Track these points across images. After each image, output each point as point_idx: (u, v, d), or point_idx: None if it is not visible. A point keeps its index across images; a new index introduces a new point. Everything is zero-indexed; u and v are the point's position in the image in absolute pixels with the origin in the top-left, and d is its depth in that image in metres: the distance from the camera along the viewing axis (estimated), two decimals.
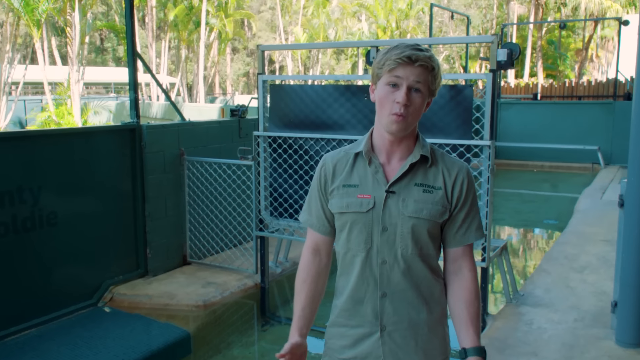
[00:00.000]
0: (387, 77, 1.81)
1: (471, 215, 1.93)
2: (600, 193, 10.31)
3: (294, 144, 5.34)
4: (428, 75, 1.80)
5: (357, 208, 1.89)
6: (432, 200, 1.87)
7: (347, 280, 1.95)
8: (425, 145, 1.90)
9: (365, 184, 1.90)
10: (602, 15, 34.33)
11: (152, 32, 36.87)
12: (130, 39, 5.97)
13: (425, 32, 41.40)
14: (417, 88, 1.79)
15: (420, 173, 1.89)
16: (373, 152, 1.91)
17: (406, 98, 1.77)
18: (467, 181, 1.91)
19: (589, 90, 18.02)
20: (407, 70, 1.78)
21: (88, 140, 5.51)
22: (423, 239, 1.88)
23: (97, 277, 5.61)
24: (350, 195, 1.91)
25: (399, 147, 1.89)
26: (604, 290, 5.30)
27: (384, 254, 1.88)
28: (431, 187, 1.88)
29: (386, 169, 1.90)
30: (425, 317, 1.91)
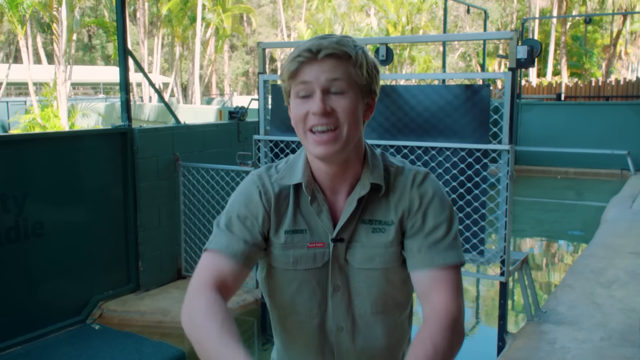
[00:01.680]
0: (294, 88, 1.43)
1: (429, 228, 1.48)
2: (630, 202, 10.30)
3: (297, 149, 5.36)
4: (346, 66, 1.39)
5: (310, 264, 1.51)
6: (384, 242, 1.49)
7: (290, 350, 1.63)
8: (376, 165, 1.52)
9: (315, 228, 1.51)
10: (631, 9, 34.36)
11: (144, 28, 37.10)
12: (122, 36, 6.02)
13: (439, 27, 41.50)
14: (337, 90, 1.39)
15: (371, 205, 1.50)
16: (315, 183, 1.51)
17: (322, 105, 1.37)
18: (417, 190, 1.50)
19: (618, 90, 18.03)
20: (313, 69, 1.39)
21: (76, 145, 5.56)
22: (384, 291, 1.52)
23: (85, 292, 5.65)
24: (298, 244, 1.51)
25: (343, 176, 1.50)
26: (633, 306, 5.30)
27: (338, 319, 1.54)
28: (382, 224, 1.49)
29: (333, 207, 1.51)
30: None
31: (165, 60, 48.11)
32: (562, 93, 17.88)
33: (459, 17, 43.37)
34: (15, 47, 28.01)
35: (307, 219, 1.51)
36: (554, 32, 39.92)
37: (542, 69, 39.31)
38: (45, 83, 23.66)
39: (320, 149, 1.40)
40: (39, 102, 22.89)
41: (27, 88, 26.55)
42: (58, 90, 22.16)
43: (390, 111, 4.95)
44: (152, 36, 42.15)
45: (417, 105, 4.82)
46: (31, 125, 21.10)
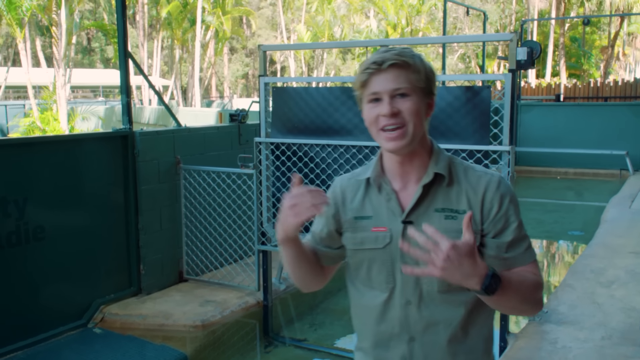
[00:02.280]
0: (366, 96, 1.71)
1: (513, 233, 1.74)
2: (629, 202, 10.31)
3: (299, 151, 5.38)
4: (407, 73, 1.67)
5: (373, 244, 1.78)
6: (456, 227, 1.68)
7: (367, 322, 1.87)
8: (440, 160, 1.77)
9: (379, 215, 1.79)
10: (628, 10, 34.42)
11: (144, 30, 37.09)
12: (122, 39, 6.03)
13: (439, 29, 41.53)
14: (402, 93, 1.67)
15: (441, 195, 1.75)
16: (384, 177, 1.80)
17: (390, 108, 1.66)
18: (499, 195, 1.74)
19: (616, 91, 18.05)
20: (380, 78, 1.67)
21: (77, 149, 5.57)
22: None
23: (87, 296, 5.65)
24: (364, 229, 1.80)
25: (411, 167, 1.76)
26: (633, 306, 5.31)
27: (407, 293, 1.77)
28: (454, 212, 1.73)
29: (401, 196, 1.78)
30: (464, 357, 1.79)
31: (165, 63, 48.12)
32: (561, 94, 17.89)
33: (458, 19, 43.41)
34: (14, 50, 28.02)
35: (374, 207, 1.80)
36: (552, 33, 39.97)
37: (541, 70, 39.35)
38: (44, 86, 23.68)
39: (391, 144, 1.68)
40: (39, 106, 22.90)
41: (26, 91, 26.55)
42: (57, 94, 22.17)
43: None
44: (152, 39, 42.16)
45: None
46: (30, 128, 21.11)
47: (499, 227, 1.73)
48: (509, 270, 1.72)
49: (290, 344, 5.63)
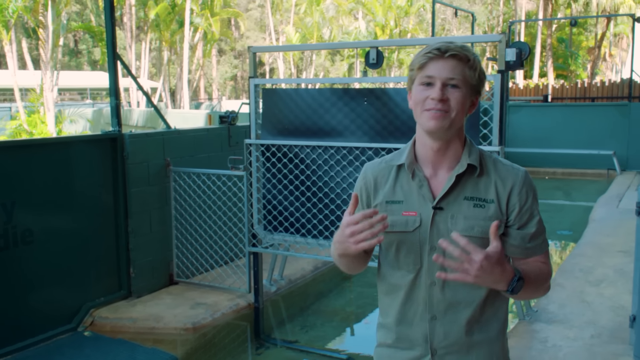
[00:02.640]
0: (420, 78, 1.80)
1: (535, 226, 1.88)
2: (617, 201, 10.38)
3: (289, 153, 5.39)
4: (464, 68, 1.78)
5: (403, 227, 1.87)
6: (483, 215, 1.83)
7: (393, 300, 1.96)
8: (473, 152, 1.88)
9: (410, 200, 1.88)
10: (614, 11, 34.67)
11: (131, 32, 36.98)
12: (111, 41, 6.01)
13: (427, 30, 41.66)
14: (454, 84, 1.77)
15: (470, 185, 1.86)
16: (417, 164, 1.89)
17: (441, 93, 1.75)
18: (525, 189, 1.87)
19: (603, 92, 18.17)
20: (438, 65, 1.77)
21: (65, 151, 5.54)
22: None
23: (76, 300, 5.62)
24: (394, 212, 1.89)
25: (444, 156, 1.86)
26: (621, 304, 5.35)
27: (433, 275, 1.86)
28: (482, 201, 1.84)
29: (432, 183, 1.88)
30: (480, 338, 1.90)
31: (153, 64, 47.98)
32: (549, 95, 17.99)
33: (447, 20, 43.56)
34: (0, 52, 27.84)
35: (404, 192, 1.89)
36: (539, 34, 40.19)
37: (529, 71, 39.54)
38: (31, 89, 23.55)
39: (432, 122, 1.76)
40: (25, 108, 22.76)
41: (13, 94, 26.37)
42: (45, 96, 22.05)
43: (381, 114, 4.97)
44: (139, 40, 42.03)
45: (408, 107, 4.83)
46: (17, 131, 20.98)
47: (524, 220, 1.87)
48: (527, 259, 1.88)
49: (282, 345, 5.63)
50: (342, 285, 7.31)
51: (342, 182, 5.17)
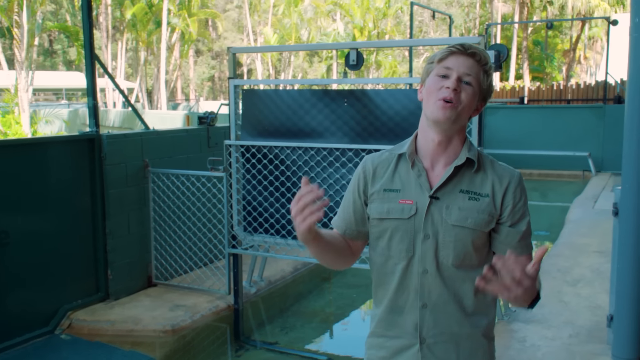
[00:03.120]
0: (437, 69, 1.87)
1: (525, 226, 1.95)
2: (592, 202, 10.52)
3: (269, 154, 5.38)
4: (480, 69, 1.86)
5: (399, 214, 1.93)
6: (477, 208, 1.90)
7: (386, 289, 2.01)
8: (472, 149, 1.95)
9: (407, 189, 1.95)
10: (589, 14, 35.13)
11: (107, 32, 36.68)
12: (88, 40, 5.95)
13: (405, 32, 41.87)
14: (468, 81, 1.85)
15: (467, 179, 1.93)
16: (417, 155, 1.96)
17: (456, 83, 1.83)
18: (519, 189, 1.94)
19: (578, 94, 18.40)
20: (459, 59, 1.85)
21: (41, 152, 5.47)
22: (466, 249, 1.91)
23: (53, 302, 5.56)
24: (391, 200, 1.95)
25: (445, 151, 1.93)
26: (598, 304, 5.42)
27: (425, 263, 1.92)
28: (477, 194, 1.91)
29: (430, 174, 1.94)
30: (469, 330, 1.95)
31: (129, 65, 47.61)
32: (525, 97, 18.17)
33: (424, 22, 43.79)
34: None
35: (402, 181, 1.96)
36: (515, 37, 40.56)
37: (505, 73, 39.86)
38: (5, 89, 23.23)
39: (441, 112, 1.83)
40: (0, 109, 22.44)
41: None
42: (19, 96, 21.78)
43: (361, 115, 4.99)
44: (115, 41, 41.67)
45: (388, 109, 4.87)
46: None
47: (516, 218, 1.93)
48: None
49: (262, 347, 5.62)
50: (321, 286, 7.31)
51: (322, 184, 5.17)
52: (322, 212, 1.73)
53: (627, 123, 4.03)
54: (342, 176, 5.09)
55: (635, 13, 3.80)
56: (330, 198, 5.15)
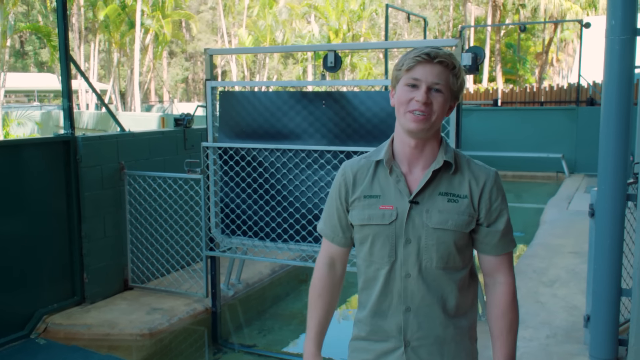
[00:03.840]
0: (406, 79, 1.89)
1: (503, 224, 1.99)
2: (566, 203, 10.65)
3: (247, 156, 5.36)
4: (449, 74, 1.88)
5: (379, 220, 1.95)
6: (457, 210, 1.92)
7: (369, 294, 2.03)
8: (449, 150, 1.97)
9: (387, 195, 1.97)
10: (562, 17, 35.58)
11: (80, 33, 36.29)
12: (63, 41, 5.89)
13: (379, 34, 42.03)
14: (438, 89, 1.87)
15: (445, 181, 1.95)
16: (394, 160, 1.98)
17: (426, 97, 1.85)
18: (495, 188, 1.97)
19: (551, 96, 18.60)
20: (426, 69, 1.86)
21: (15, 155, 5.39)
22: (449, 251, 1.94)
23: (28, 306, 5.47)
24: (371, 206, 1.97)
25: (421, 154, 1.95)
26: (574, 304, 5.48)
27: (407, 267, 1.94)
28: (456, 196, 1.93)
29: (408, 179, 1.96)
30: (452, 332, 1.98)
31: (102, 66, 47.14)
32: (498, 99, 18.34)
33: (398, 25, 43.99)
34: None
35: (382, 187, 1.97)
36: (488, 40, 40.97)
37: (479, 75, 40.24)
38: None
39: (414, 124, 1.87)
40: None
41: None
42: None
43: (339, 117, 4.99)
44: (88, 42, 41.23)
45: (366, 111, 4.88)
46: None
47: (493, 217, 1.97)
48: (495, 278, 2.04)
49: (240, 350, 5.59)
50: (299, 288, 7.30)
51: (300, 185, 5.16)
52: None
53: (603, 125, 4.09)
54: (321, 178, 5.08)
55: (612, 16, 3.86)
56: (309, 200, 5.15)
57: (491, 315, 2.02)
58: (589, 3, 37.20)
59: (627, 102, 3.99)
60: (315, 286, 2.15)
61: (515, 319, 2.02)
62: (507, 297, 2.00)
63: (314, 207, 5.13)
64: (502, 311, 2.00)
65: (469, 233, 1.97)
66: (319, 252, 2.18)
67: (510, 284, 2.02)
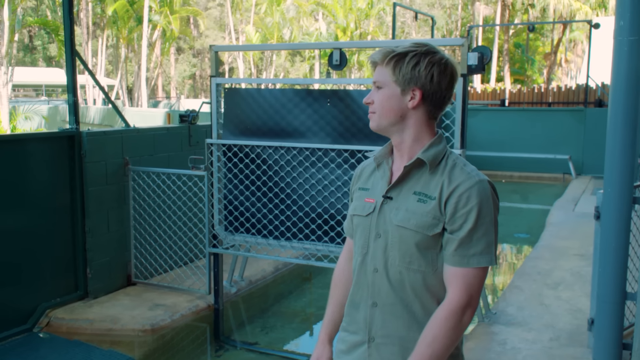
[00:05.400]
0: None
1: (473, 235, 1.83)
2: (573, 205, 10.60)
3: (251, 153, 5.34)
4: (388, 68, 1.89)
5: (361, 211, 2.02)
6: (422, 210, 1.87)
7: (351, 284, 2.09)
8: (432, 149, 1.90)
9: (374, 189, 2.01)
10: (571, 18, 35.44)
11: (88, 29, 36.37)
12: (69, 37, 5.88)
13: (387, 33, 41.95)
14: (377, 85, 1.92)
15: (423, 180, 1.92)
16: (390, 156, 2.02)
17: (369, 96, 1.93)
18: (469, 194, 1.83)
19: (559, 97, 18.54)
20: (374, 73, 1.94)
21: (20, 149, 5.39)
22: (411, 251, 1.89)
23: (31, 300, 5.48)
24: (360, 198, 2.05)
25: (401, 151, 1.97)
26: (579, 307, 5.45)
27: (375, 261, 1.96)
28: (427, 197, 1.88)
29: (395, 175, 1.98)
30: (417, 335, 1.87)
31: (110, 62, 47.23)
32: (506, 99, 18.28)
33: (406, 24, 43.91)
34: None
35: (373, 181, 2.03)
36: (497, 39, 40.84)
37: (486, 75, 40.13)
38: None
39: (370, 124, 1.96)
40: None
41: None
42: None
43: (344, 115, 4.97)
44: (96, 37, 41.31)
45: None
46: None
47: (456, 225, 1.84)
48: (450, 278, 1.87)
49: (242, 347, 5.58)
50: (302, 286, 7.29)
51: (304, 184, 5.15)
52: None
53: (610, 127, 4.05)
54: (325, 176, 5.07)
55: (620, 16, 3.82)
56: (312, 198, 5.13)
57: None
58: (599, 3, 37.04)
59: (635, 104, 3.95)
60: (334, 278, 2.23)
61: (441, 338, 1.81)
62: (442, 312, 1.83)
63: (318, 205, 5.11)
64: (431, 323, 1.84)
65: (435, 237, 1.87)
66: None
67: (453, 302, 1.83)
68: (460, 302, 1.83)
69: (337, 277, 2.22)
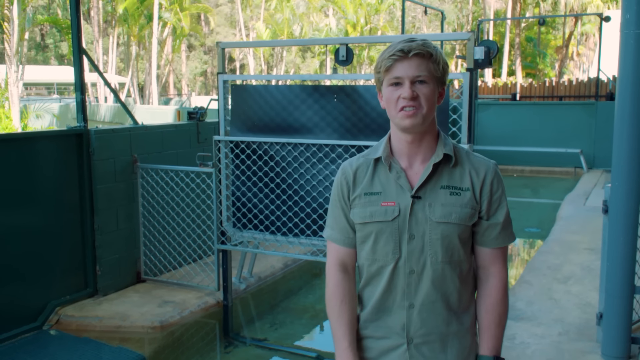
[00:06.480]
0: (388, 79, 1.89)
1: (503, 216, 1.98)
2: (584, 199, 10.54)
3: (258, 149, 5.35)
4: (428, 63, 1.86)
5: (382, 217, 1.95)
6: (460, 202, 1.92)
7: (372, 291, 2.02)
8: (447, 143, 1.97)
9: (388, 191, 1.96)
10: (582, 11, 35.19)
11: (99, 26, 36.52)
12: (76, 35, 5.91)
13: (397, 28, 41.84)
14: (421, 80, 1.86)
15: (446, 174, 1.94)
16: (393, 157, 1.98)
17: (411, 92, 1.84)
18: (496, 180, 1.97)
19: (570, 90, 18.43)
20: (404, 65, 1.85)
21: (30, 147, 5.42)
22: (454, 244, 1.93)
23: (41, 298, 5.52)
24: (373, 203, 1.97)
25: (419, 148, 1.95)
26: (588, 301, 5.42)
27: (411, 263, 1.94)
28: (458, 189, 1.93)
29: (409, 174, 1.96)
30: (455, 328, 1.98)
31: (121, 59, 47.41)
32: (517, 93, 18.19)
33: (416, 18, 43.77)
34: None
35: (382, 184, 1.97)
36: (508, 33, 40.61)
37: (497, 69, 39.93)
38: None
39: (407, 120, 1.87)
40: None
41: None
42: (9, 91, 21.65)
43: (351, 111, 4.96)
44: (107, 35, 41.46)
45: (378, 105, 4.83)
46: None
47: (494, 209, 1.97)
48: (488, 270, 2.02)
49: (251, 343, 5.59)
50: (311, 282, 7.29)
51: (311, 180, 5.15)
52: None
53: (617, 120, 4.02)
54: (332, 172, 5.06)
55: (627, 9, 3.79)
56: (320, 194, 5.13)
57: (481, 307, 2.02)
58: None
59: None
60: (335, 294, 2.05)
61: (505, 312, 2.01)
62: (499, 290, 2.00)
63: (325, 201, 5.11)
64: (492, 304, 2.00)
65: (471, 226, 1.96)
66: (327, 259, 2.11)
67: (503, 278, 2.02)
68: (506, 276, 2.03)
69: (339, 293, 2.05)
